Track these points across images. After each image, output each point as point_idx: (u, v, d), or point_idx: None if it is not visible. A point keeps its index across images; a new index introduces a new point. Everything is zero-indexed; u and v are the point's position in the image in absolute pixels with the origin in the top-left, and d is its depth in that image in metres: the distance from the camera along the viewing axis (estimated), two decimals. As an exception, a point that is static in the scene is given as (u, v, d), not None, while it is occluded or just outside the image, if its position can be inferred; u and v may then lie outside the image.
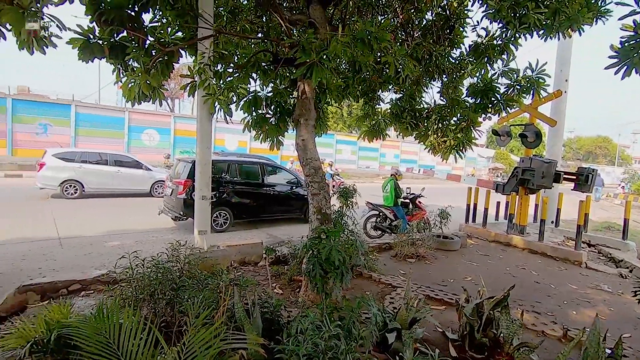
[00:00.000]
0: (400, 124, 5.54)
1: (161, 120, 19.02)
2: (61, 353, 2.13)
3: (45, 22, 3.20)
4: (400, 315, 2.55)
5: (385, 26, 3.24)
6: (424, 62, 4.83)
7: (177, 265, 2.53)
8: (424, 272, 5.02)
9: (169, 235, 6.92)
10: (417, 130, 5.56)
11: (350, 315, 1.98)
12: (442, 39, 4.90)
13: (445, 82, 5.17)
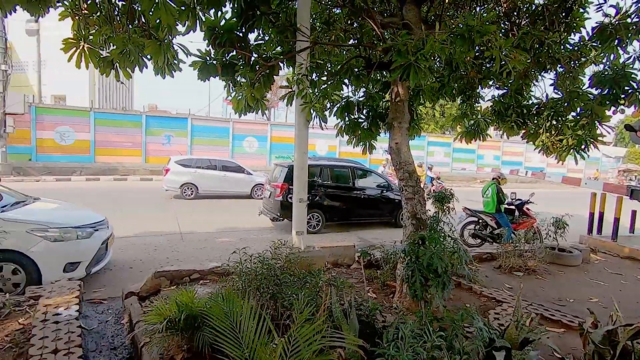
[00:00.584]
0: (504, 123, 5.04)
1: (259, 129, 20.76)
2: (189, 331, 2.49)
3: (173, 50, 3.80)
4: (509, 334, 2.32)
5: (488, 18, 3.01)
6: (533, 52, 4.32)
7: (279, 263, 2.74)
8: (535, 288, 4.46)
9: (268, 234, 7.49)
10: (525, 129, 4.99)
11: (452, 327, 1.88)
12: (555, 24, 4.31)
13: (561, 73, 4.53)
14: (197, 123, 19.41)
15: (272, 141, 20.93)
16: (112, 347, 2.95)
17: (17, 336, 2.76)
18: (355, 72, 4.67)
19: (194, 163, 12.14)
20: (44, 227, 3.89)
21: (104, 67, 3.67)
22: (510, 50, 3.19)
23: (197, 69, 4.09)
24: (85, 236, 4.15)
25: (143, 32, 3.67)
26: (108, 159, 17.41)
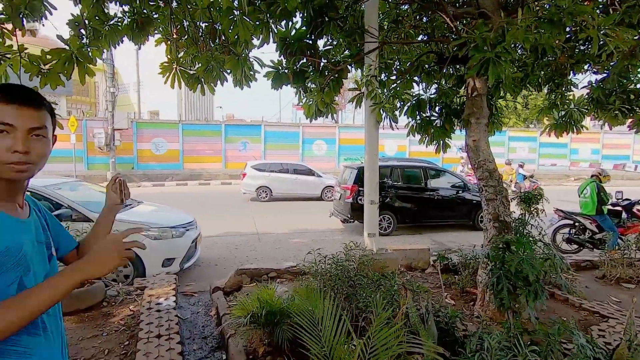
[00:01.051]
0: (605, 112, 4.41)
1: (328, 132, 21.11)
2: (269, 326, 2.64)
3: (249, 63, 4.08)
4: (619, 355, 2.01)
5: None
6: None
7: (352, 264, 2.76)
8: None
9: (339, 235, 7.58)
10: (633, 117, 4.30)
11: (547, 341, 1.70)
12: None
13: (681, 49, 3.81)
14: (269, 129, 20.46)
15: (340, 143, 21.12)
16: (203, 336, 3.26)
17: (129, 321, 3.21)
18: (426, 69, 4.50)
19: (267, 167, 12.83)
20: (146, 227, 4.46)
21: (192, 83, 4.08)
22: (612, 29, 2.78)
23: (271, 78, 4.33)
24: (178, 235, 4.67)
25: (223, 49, 4.01)
26: (194, 166, 19.27)
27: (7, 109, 0.86)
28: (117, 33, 3.59)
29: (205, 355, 2.94)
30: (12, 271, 0.85)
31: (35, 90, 0.95)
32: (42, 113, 0.92)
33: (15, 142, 0.85)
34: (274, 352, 2.65)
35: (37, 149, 0.90)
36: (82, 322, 3.19)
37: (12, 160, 0.85)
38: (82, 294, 3.41)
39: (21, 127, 0.86)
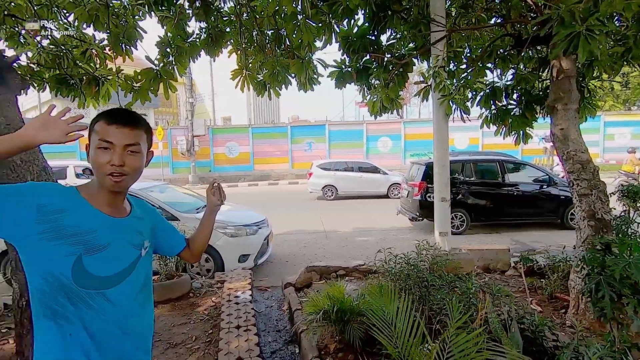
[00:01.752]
0: None
1: (393, 128, 20.61)
2: (340, 323, 2.67)
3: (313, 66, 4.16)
4: None
5: None
6: None
7: (424, 264, 2.66)
8: None
9: (407, 234, 7.36)
10: None
11: (664, 360, 1.45)
12: None
13: None
14: (333, 128, 20.66)
15: (406, 139, 20.47)
16: (277, 329, 3.42)
17: (212, 311, 3.50)
18: (501, 54, 4.14)
19: (332, 166, 12.97)
20: (224, 225, 4.82)
21: (260, 89, 4.29)
22: None
23: (334, 78, 4.36)
24: (252, 233, 4.96)
25: (288, 53, 4.15)
26: (263, 167, 20.28)
27: (109, 129, 1.02)
28: (196, 48, 3.94)
29: (279, 347, 3.08)
30: (71, 245, 0.97)
31: (133, 111, 1.09)
32: (137, 132, 1.06)
33: (113, 156, 1.01)
34: (345, 349, 2.68)
35: (131, 162, 1.04)
36: (173, 310, 3.57)
37: (110, 172, 1.01)
38: (172, 285, 3.82)
39: (118, 143, 1.01)
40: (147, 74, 3.37)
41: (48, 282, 0.96)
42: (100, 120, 1.03)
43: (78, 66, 3.78)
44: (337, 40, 4.09)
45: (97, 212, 1.04)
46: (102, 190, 1.06)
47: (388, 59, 4.22)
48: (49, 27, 3.82)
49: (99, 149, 1.01)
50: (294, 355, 2.94)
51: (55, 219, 0.96)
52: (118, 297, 1.05)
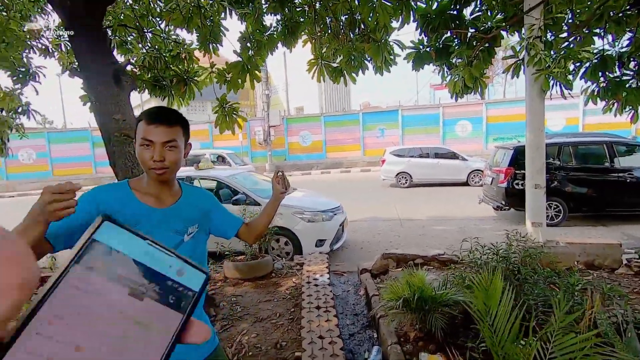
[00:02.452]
0: None
1: (473, 110, 19.08)
2: (420, 312, 2.62)
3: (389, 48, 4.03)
4: None
5: None
6: None
7: (516, 256, 2.44)
8: None
9: (490, 224, 6.83)
10: None
11: None
12: None
13: None
14: (406, 113, 19.91)
15: (488, 122, 18.82)
16: (354, 313, 3.48)
17: (292, 291, 3.70)
18: (614, 16, 3.52)
19: (406, 153, 12.55)
20: (301, 211, 5.02)
21: (335, 76, 4.30)
22: None
23: (412, 59, 4.18)
24: (327, 219, 5.08)
25: (363, 38, 4.08)
26: (335, 155, 20.50)
27: (148, 129, 1.14)
28: (274, 41, 4.09)
29: (357, 331, 3.13)
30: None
31: (170, 109, 1.19)
32: (174, 129, 1.16)
33: (154, 153, 1.13)
34: (425, 338, 2.62)
35: (170, 157, 1.16)
36: (258, 288, 3.86)
37: (152, 167, 1.14)
38: (256, 265, 4.12)
39: (157, 141, 1.13)
40: (235, 66, 3.62)
41: None
42: (142, 121, 1.15)
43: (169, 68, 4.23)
44: (415, 19, 3.90)
45: (141, 205, 1.18)
46: (149, 182, 1.21)
47: (472, 34, 3.90)
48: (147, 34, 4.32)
49: (142, 146, 1.14)
50: (372, 339, 2.97)
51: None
52: None
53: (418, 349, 2.51)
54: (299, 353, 2.53)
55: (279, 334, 2.90)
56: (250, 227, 1.47)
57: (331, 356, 2.41)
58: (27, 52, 4.49)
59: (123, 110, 2.85)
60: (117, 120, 2.76)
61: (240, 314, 3.27)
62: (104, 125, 2.82)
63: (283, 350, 2.67)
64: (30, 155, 20.40)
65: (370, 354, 2.63)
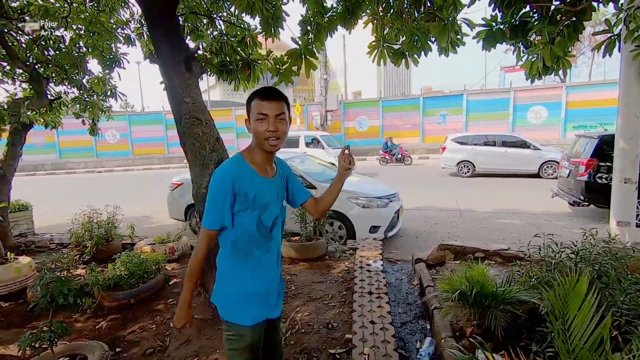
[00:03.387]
0: None
1: (550, 94, 17.20)
2: (478, 307, 2.48)
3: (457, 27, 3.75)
4: None
5: None
6: None
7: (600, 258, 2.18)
8: None
9: (564, 221, 6.21)
10: None
11: None
12: None
13: None
14: (472, 98, 18.61)
15: (567, 107, 16.86)
16: (407, 302, 3.42)
17: (345, 275, 3.73)
18: None
19: (470, 140, 11.80)
20: (356, 196, 4.99)
21: (397, 59, 4.13)
22: None
23: (482, 38, 3.85)
24: (383, 205, 5.00)
25: (428, 17, 3.84)
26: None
27: (262, 104, 1.33)
28: (334, 22, 4.03)
29: (409, 320, 3.08)
30: (256, 209, 1.37)
31: (276, 89, 1.38)
32: (282, 104, 1.35)
33: (269, 125, 1.32)
34: (483, 335, 2.48)
35: (281, 127, 1.35)
36: (311, 268, 3.96)
37: (267, 137, 1.33)
38: (311, 246, 4.22)
39: (271, 114, 1.32)
40: (293, 54, 3.65)
41: (243, 235, 1.38)
42: (256, 99, 1.35)
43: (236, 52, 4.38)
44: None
45: (259, 177, 1.40)
46: (261, 153, 1.40)
47: (556, 6, 3.46)
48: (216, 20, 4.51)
49: (258, 120, 1.33)
50: (424, 330, 2.90)
51: (245, 199, 1.35)
52: (276, 234, 1.48)
53: (475, 346, 2.40)
54: (349, 335, 2.56)
55: (330, 314, 2.96)
56: (318, 201, 1.63)
57: (382, 342, 2.40)
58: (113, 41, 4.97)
59: (192, 93, 3.03)
60: (187, 103, 2.95)
61: (294, 292, 3.39)
62: (176, 107, 3.03)
63: (334, 330, 2.72)
64: (115, 136, 22.85)
65: (422, 344, 2.58)
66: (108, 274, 3.25)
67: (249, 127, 1.38)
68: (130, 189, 12.14)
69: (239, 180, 1.33)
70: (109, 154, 22.80)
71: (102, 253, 4.30)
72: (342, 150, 1.58)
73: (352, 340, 2.46)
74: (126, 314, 3.09)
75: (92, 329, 2.89)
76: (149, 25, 3.01)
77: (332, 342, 2.58)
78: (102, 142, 22.32)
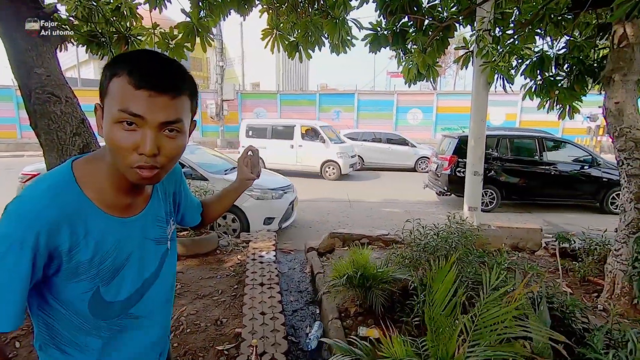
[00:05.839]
0: None
1: (425, 99, 19.82)
2: (362, 289, 2.70)
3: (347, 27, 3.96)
4: None
5: None
6: None
7: (455, 238, 2.60)
8: None
9: (433, 208, 7.24)
10: None
11: None
12: None
13: None
14: (362, 98, 20.14)
15: (438, 112, 19.70)
16: (299, 290, 3.51)
17: (237, 268, 3.63)
18: (554, 18, 3.77)
19: (360, 136, 12.76)
20: (250, 188, 4.89)
21: (291, 50, 4.16)
22: None
23: (369, 41, 4.16)
24: (277, 197, 5.02)
25: (321, 13, 3.97)
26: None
27: (136, 95, 0.64)
28: (226, 5, 3.82)
29: (300, 307, 3.17)
30: (87, 282, 0.73)
31: (172, 61, 0.70)
32: (180, 100, 0.68)
33: (144, 140, 0.65)
34: (365, 313, 2.72)
35: (169, 149, 0.69)
36: (201, 264, 3.74)
37: (137, 164, 0.67)
38: (201, 240, 3.97)
39: (151, 120, 0.65)
40: (184, 27, 3.34)
41: (63, 319, 0.76)
42: (122, 75, 0.65)
43: (109, 23, 3.79)
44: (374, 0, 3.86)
45: (110, 220, 0.75)
46: (118, 182, 0.74)
47: (429, 21, 3.96)
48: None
49: (119, 124, 0.65)
50: (314, 315, 3.03)
51: (71, 263, 0.70)
52: (145, 309, 0.84)
53: (357, 324, 2.60)
54: (239, 329, 2.50)
55: (219, 310, 2.84)
56: (205, 210, 1.13)
57: (272, 331, 2.41)
58: None
59: (47, 64, 2.50)
60: (39, 75, 2.42)
61: (180, 291, 3.15)
62: (23, 80, 2.46)
63: (223, 326, 2.62)
64: (-63, 113, 17.63)
65: (311, 329, 2.68)
66: None
67: (100, 125, 0.71)
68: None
69: (61, 227, 0.67)
70: None
71: None
72: (244, 153, 1.10)
73: (242, 333, 2.40)
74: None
75: None
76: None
77: (221, 338, 2.48)
78: None
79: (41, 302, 0.75)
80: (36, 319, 0.78)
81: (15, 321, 0.66)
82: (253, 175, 1.09)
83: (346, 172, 10.47)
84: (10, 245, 0.63)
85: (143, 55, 0.68)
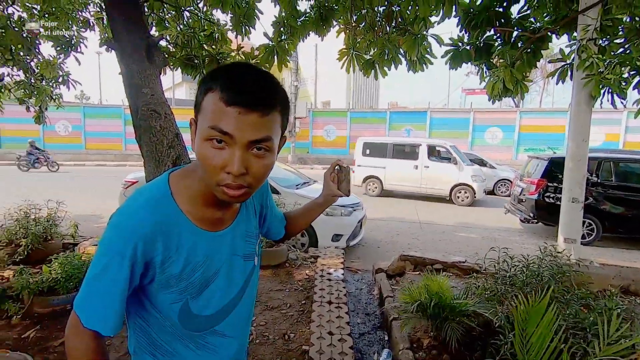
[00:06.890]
0: None
1: (505, 117, 18.36)
2: (436, 319, 2.49)
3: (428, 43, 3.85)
4: None
5: None
6: None
7: (545, 271, 2.27)
8: None
9: (516, 236, 6.54)
10: None
11: None
12: None
13: None
14: (435, 115, 19.41)
15: (520, 131, 18.06)
16: (366, 312, 3.38)
17: (305, 283, 3.64)
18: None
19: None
20: (320, 204, 4.93)
21: (367, 68, 4.17)
22: None
23: (450, 58, 3.98)
24: (346, 214, 4.98)
25: (400, 31, 3.92)
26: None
27: (227, 112, 0.63)
28: (307, 27, 4.00)
29: (368, 330, 3.04)
30: (177, 294, 0.75)
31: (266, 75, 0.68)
32: (271, 117, 0.67)
33: (231, 159, 0.65)
34: (439, 347, 2.49)
35: (257, 168, 0.68)
36: (272, 276, 3.82)
37: (224, 182, 0.67)
38: (273, 252, 4.08)
39: (240, 139, 0.64)
40: (264, 48, 3.57)
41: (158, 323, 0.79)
42: (215, 91, 0.65)
43: (203, 48, 4.21)
44: (456, 14, 3.71)
45: (201, 233, 0.76)
46: (210, 196, 0.74)
47: (519, 33, 3.67)
48: (185, 12, 4.33)
49: (209, 141, 0.65)
50: (382, 341, 2.87)
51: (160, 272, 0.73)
52: (229, 327, 0.85)
53: (431, 357, 2.39)
54: (306, 347, 2.46)
55: (287, 324, 2.84)
56: (288, 224, 1.10)
57: (339, 354, 2.33)
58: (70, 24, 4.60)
59: (152, 84, 2.84)
60: (145, 94, 2.75)
61: (250, 301, 3.24)
62: (133, 98, 2.82)
63: (290, 341, 2.61)
64: (67, 128, 21.26)
65: (379, 356, 2.53)
66: (42, 276, 2.92)
67: (193, 139, 0.71)
68: (80, 185, 11.28)
69: (157, 239, 0.70)
70: (58, 146, 21.15)
71: (38, 253, 3.88)
72: (331, 167, 1.05)
73: (309, 352, 2.36)
74: (60, 321, 2.78)
75: (18, 338, 2.56)
76: (108, 7, 2.79)
77: (288, 353, 2.47)
78: (51, 133, 20.70)
79: (138, 308, 0.78)
80: (132, 324, 0.81)
81: (117, 326, 0.71)
82: (340, 192, 1.04)
83: (480, 197, 9.52)
84: (113, 257, 0.68)
85: (236, 69, 0.67)
